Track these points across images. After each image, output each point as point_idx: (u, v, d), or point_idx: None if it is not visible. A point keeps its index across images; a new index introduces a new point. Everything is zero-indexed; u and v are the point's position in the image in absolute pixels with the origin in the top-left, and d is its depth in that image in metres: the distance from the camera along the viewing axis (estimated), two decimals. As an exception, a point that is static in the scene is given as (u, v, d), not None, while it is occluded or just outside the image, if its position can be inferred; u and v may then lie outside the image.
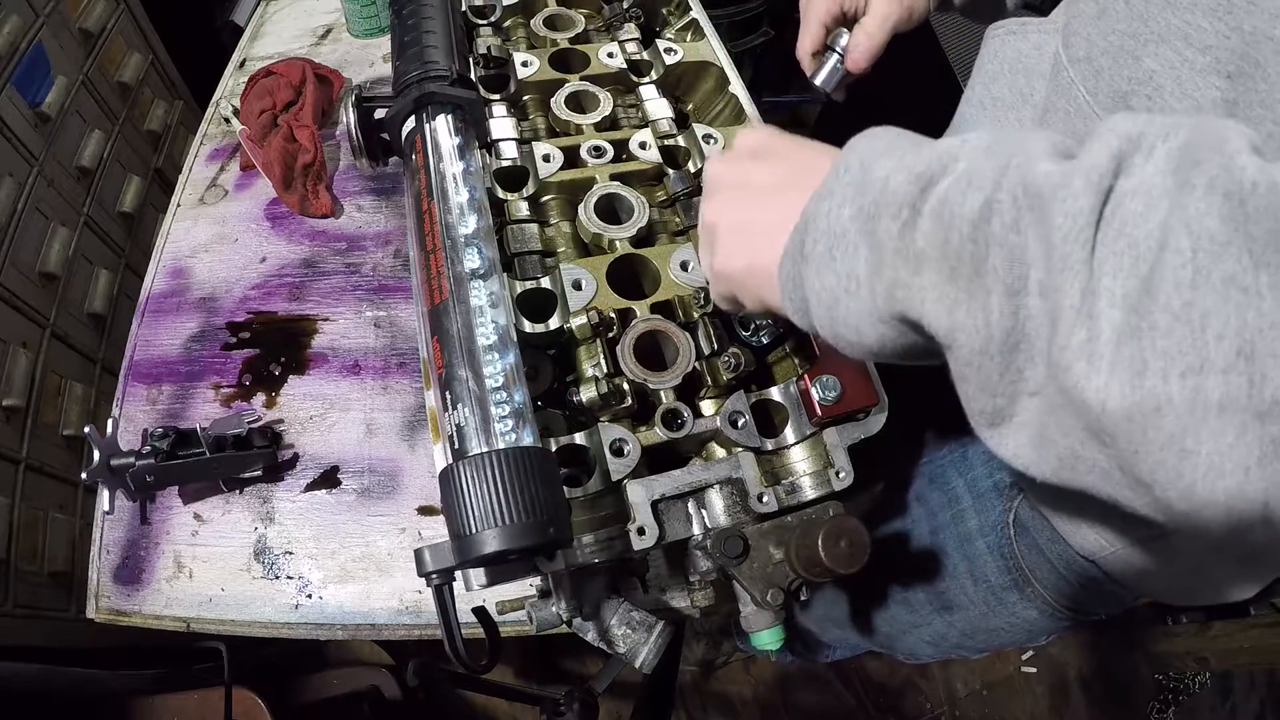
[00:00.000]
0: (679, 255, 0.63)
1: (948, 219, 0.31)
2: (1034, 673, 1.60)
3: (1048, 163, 0.29)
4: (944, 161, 0.33)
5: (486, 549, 0.42)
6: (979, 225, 0.30)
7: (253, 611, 0.73)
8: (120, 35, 1.49)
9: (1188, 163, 0.26)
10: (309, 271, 0.94)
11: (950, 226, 0.31)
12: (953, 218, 0.31)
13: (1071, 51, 0.49)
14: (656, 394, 0.57)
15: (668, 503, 0.54)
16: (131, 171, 1.49)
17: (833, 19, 0.71)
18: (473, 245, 0.54)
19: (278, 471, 0.80)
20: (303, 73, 1.04)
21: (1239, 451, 0.24)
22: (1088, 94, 0.48)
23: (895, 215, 0.33)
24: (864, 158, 0.36)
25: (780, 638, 0.54)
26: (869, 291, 0.35)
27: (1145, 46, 0.42)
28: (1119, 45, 0.44)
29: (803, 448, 0.57)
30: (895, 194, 0.33)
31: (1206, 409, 0.24)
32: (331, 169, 1.03)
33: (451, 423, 0.47)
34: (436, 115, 0.63)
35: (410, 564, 0.47)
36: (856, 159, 0.37)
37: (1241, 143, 0.26)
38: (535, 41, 0.85)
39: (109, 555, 0.77)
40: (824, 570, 0.48)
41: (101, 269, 1.37)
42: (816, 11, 0.71)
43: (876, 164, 0.35)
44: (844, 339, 0.38)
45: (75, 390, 1.26)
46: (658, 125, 0.74)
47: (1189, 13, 0.39)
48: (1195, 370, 0.24)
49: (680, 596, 0.59)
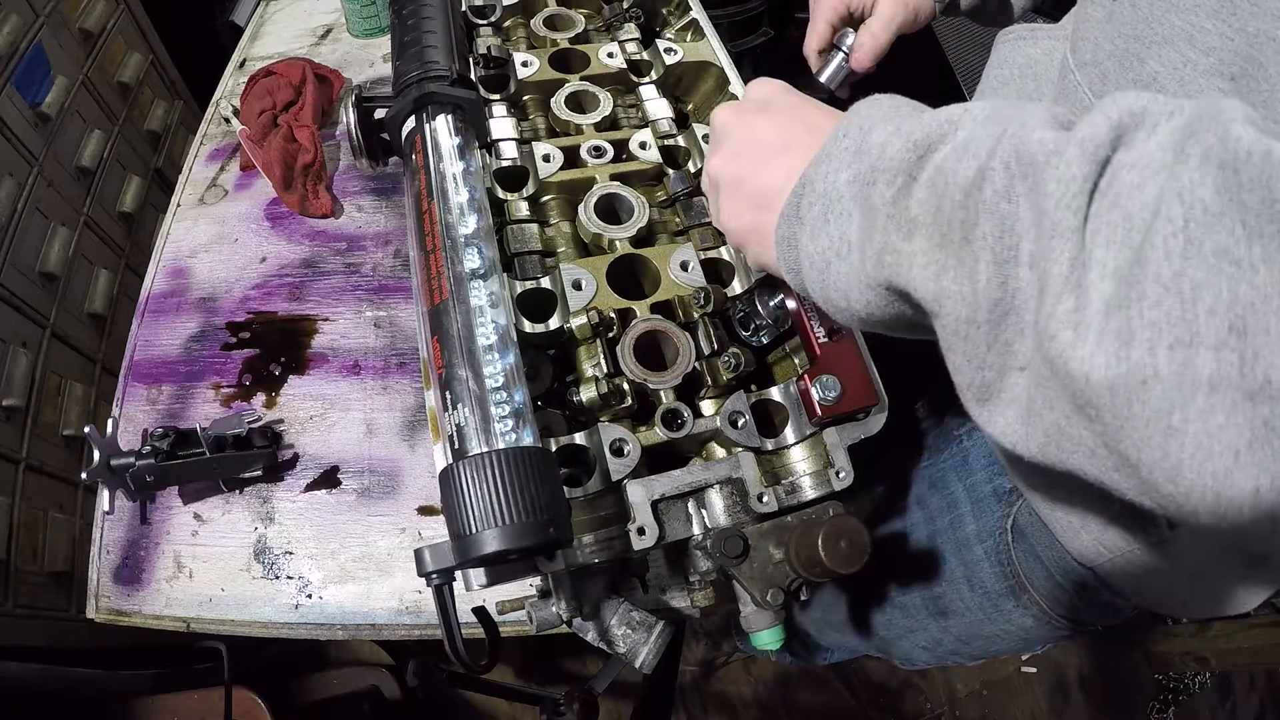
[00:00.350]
0: (679, 255, 0.63)
1: (941, 187, 0.31)
2: (1034, 673, 1.60)
3: (1044, 130, 0.29)
4: (943, 130, 0.33)
5: (487, 549, 0.42)
6: (970, 192, 0.30)
7: (253, 611, 0.73)
8: (120, 35, 1.49)
9: (1186, 135, 0.25)
10: (309, 271, 0.94)
11: (943, 194, 0.31)
12: (946, 185, 0.31)
13: (1079, 56, 0.49)
14: (656, 394, 0.57)
15: (668, 503, 0.54)
16: (131, 171, 1.49)
17: (839, 19, 0.72)
18: (473, 245, 0.54)
19: (278, 471, 0.80)
20: (303, 73, 1.04)
21: (1228, 433, 0.23)
22: (1093, 98, 0.48)
23: (890, 182, 0.33)
24: (864, 123, 0.37)
25: (780, 637, 0.54)
26: (859, 257, 0.35)
27: (1150, 49, 0.42)
28: (1124, 49, 0.44)
29: (803, 448, 0.57)
30: (892, 160, 0.33)
31: (1195, 385, 0.23)
32: (331, 169, 1.03)
33: (451, 422, 0.47)
34: (437, 115, 0.63)
35: (410, 564, 0.47)
36: (856, 124, 0.37)
37: (1238, 114, 0.25)
38: (535, 41, 0.85)
39: (109, 555, 0.77)
40: (824, 570, 0.48)
41: (101, 269, 1.37)
42: (824, 11, 0.72)
43: (875, 130, 0.36)
44: (833, 304, 0.38)
45: (75, 390, 1.26)
46: (658, 125, 0.74)
47: (1193, 15, 0.39)
48: (1184, 344, 0.23)
49: (680, 596, 0.59)
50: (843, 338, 0.57)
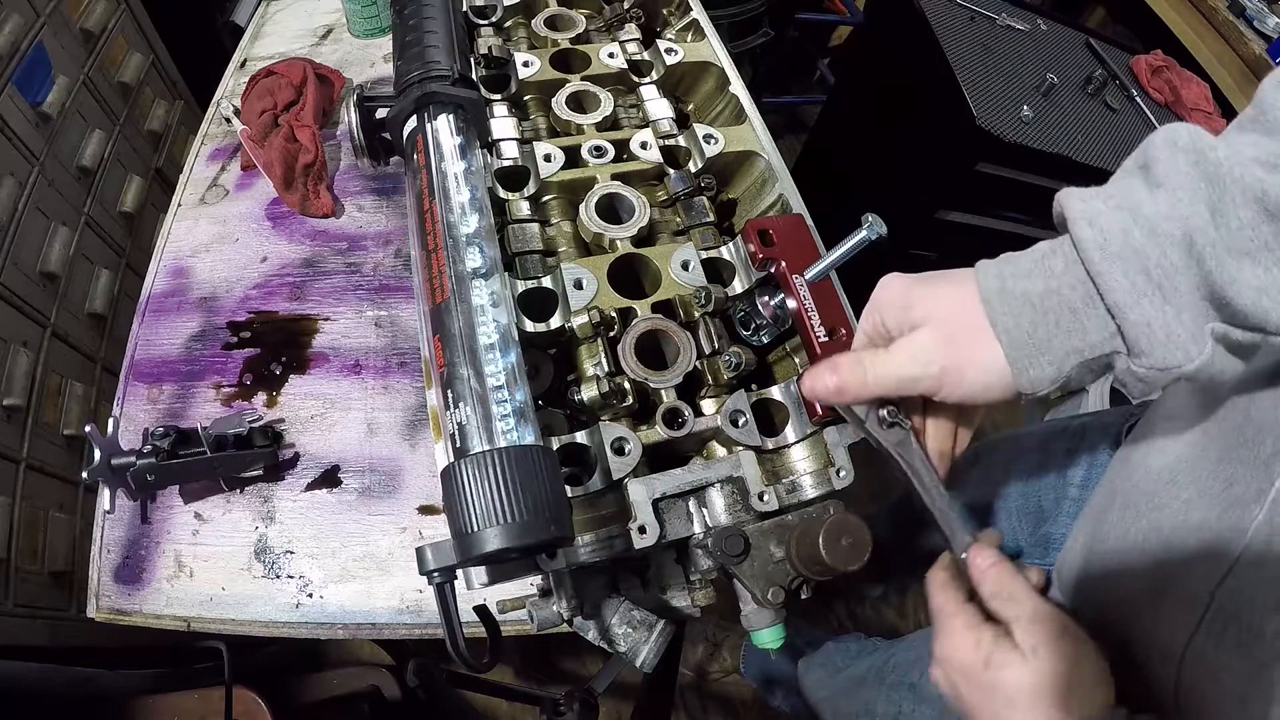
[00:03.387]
0: (680, 255, 0.63)
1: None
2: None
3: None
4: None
5: (488, 547, 0.42)
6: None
7: (253, 611, 0.73)
8: (121, 35, 1.49)
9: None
10: (310, 271, 0.94)
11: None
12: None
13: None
14: (657, 393, 0.57)
15: (668, 501, 0.54)
16: (132, 171, 1.49)
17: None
18: (474, 244, 0.54)
19: (278, 471, 0.80)
20: (303, 73, 1.04)
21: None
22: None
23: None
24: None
25: (781, 636, 0.54)
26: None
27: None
28: None
29: (803, 446, 0.57)
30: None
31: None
32: (332, 169, 1.03)
33: (453, 421, 0.47)
34: (438, 115, 0.63)
35: (411, 563, 0.47)
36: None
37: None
38: (536, 42, 0.85)
39: (109, 554, 0.77)
40: (825, 568, 0.48)
41: (102, 269, 1.37)
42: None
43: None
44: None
45: (76, 390, 1.26)
46: (658, 125, 0.74)
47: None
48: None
49: (681, 595, 0.59)
50: (843, 338, 0.57)
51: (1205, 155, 0.38)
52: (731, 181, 0.77)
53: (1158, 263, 0.37)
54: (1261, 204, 0.36)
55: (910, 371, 0.44)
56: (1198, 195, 0.37)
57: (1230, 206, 0.37)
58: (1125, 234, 0.38)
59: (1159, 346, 0.38)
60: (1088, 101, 1.39)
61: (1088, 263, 0.39)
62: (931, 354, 0.43)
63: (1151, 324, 0.37)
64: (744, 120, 0.78)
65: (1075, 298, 0.40)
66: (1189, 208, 0.37)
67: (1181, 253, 0.37)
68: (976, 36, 1.39)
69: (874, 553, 0.48)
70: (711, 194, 0.70)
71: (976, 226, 1.39)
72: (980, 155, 1.25)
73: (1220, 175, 0.37)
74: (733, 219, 0.77)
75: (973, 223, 1.38)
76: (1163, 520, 0.49)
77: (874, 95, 1.63)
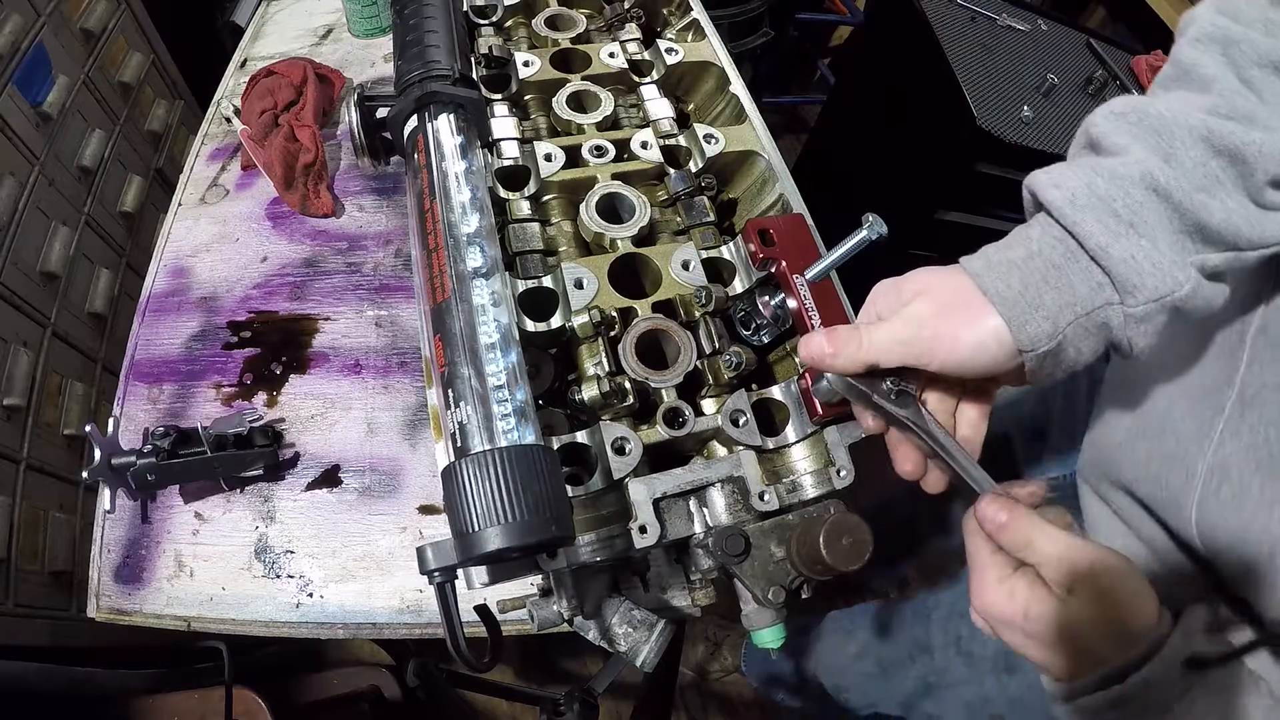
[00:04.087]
0: (680, 254, 0.63)
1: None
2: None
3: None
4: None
5: (489, 546, 0.42)
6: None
7: (253, 611, 0.73)
8: (121, 35, 1.49)
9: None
10: (310, 271, 0.94)
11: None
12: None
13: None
14: (658, 392, 0.57)
15: (669, 501, 0.54)
16: (132, 171, 1.49)
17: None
18: (475, 244, 0.54)
19: (279, 470, 0.80)
20: (304, 72, 1.04)
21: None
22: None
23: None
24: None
25: (781, 636, 0.54)
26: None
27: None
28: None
29: (804, 446, 0.57)
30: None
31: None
32: (332, 169, 1.03)
33: (454, 421, 0.47)
34: (439, 114, 0.63)
35: (411, 563, 0.47)
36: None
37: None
38: (536, 41, 0.85)
39: (110, 554, 0.77)
40: (826, 568, 0.48)
41: (102, 268, 1.37)
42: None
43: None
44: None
45: (76, 390, 1.26)
46: (659, 125, 0.74)
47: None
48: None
49: (681, 595, 0.59)
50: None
51: (1147, 112, 0.43)
52: (732, 181, 0.77)
53: (1124, 203, 0.41)
54: (1208, 142, 0.41)
55: (904, 334, 0.45)
56: (1149, 147, 0.42)
57: (1181, 149, 0.41)
58: (1090, 187, 0.42)
59: (1148, 277, 0.40)
60: (1088, 102, 1.39)
61: (1061, 218, 0.42)
62: (925, 318, 0.45)
63: (1135, 257, 0.40)
64: (744, 120, 0.78)
65: (1056, 255, 0.43)
66: (1144, 157, 0.42)
67: (1143, 190, 0.41)
68: (977, 37, 1.39)
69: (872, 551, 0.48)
70: (712, 194, 0.70)
71: (976, 227, 1.39)
72: (980, 155, 1.25)
73: (1164, 125, 0.42)
74: (733, 219, 0.77)
75: (973, 223, 1.38)
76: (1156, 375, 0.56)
77: (874, 95, 1.63)
